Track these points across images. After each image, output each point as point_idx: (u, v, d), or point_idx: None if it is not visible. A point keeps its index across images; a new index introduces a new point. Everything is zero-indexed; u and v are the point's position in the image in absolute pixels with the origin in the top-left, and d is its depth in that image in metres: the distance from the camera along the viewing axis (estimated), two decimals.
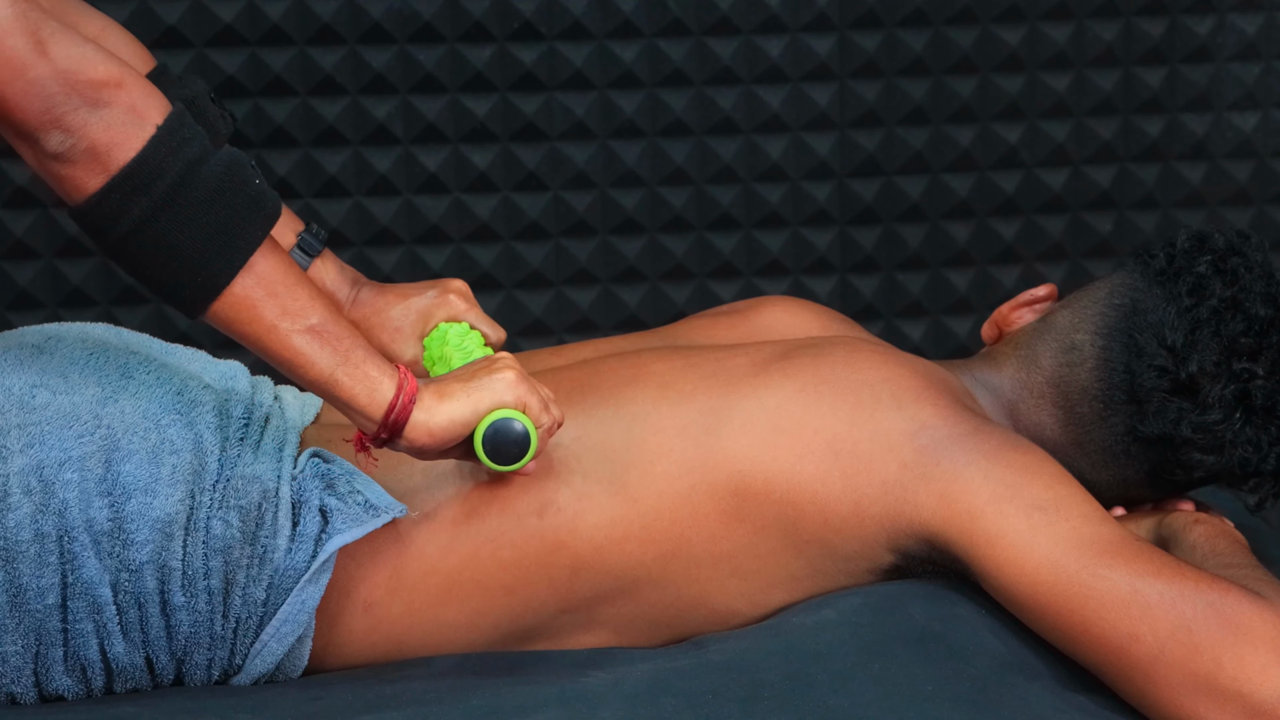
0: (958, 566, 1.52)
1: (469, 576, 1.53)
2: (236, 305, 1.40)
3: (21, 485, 1.44)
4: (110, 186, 1.35)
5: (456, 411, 1.46)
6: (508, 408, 1.47)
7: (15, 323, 2.27)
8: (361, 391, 1.43)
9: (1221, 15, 2.40)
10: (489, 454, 1.47)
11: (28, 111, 1.33)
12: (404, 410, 1.44)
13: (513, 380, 1.48)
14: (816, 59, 2.36)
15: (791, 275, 2.41)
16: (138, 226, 1.36)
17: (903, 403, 1.54)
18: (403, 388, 1.44)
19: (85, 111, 1.34)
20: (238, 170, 1.40)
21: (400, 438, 1.45)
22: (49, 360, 1.50)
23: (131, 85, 1.36)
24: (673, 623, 1.57)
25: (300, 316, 1.41)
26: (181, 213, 1.37)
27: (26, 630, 1.45)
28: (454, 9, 2.30)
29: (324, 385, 1.43)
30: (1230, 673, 1.39)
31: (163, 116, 1.37)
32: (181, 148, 1.37)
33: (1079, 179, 2.43)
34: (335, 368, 1.42)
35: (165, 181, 1.36)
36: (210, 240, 1.38)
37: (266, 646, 1.50)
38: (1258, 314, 1.58)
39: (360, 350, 1.44)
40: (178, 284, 1.39)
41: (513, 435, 1.47)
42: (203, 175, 1.38)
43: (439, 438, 1.46)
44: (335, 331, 1.43)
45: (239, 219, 1.39)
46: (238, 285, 1.40)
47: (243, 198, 1.40)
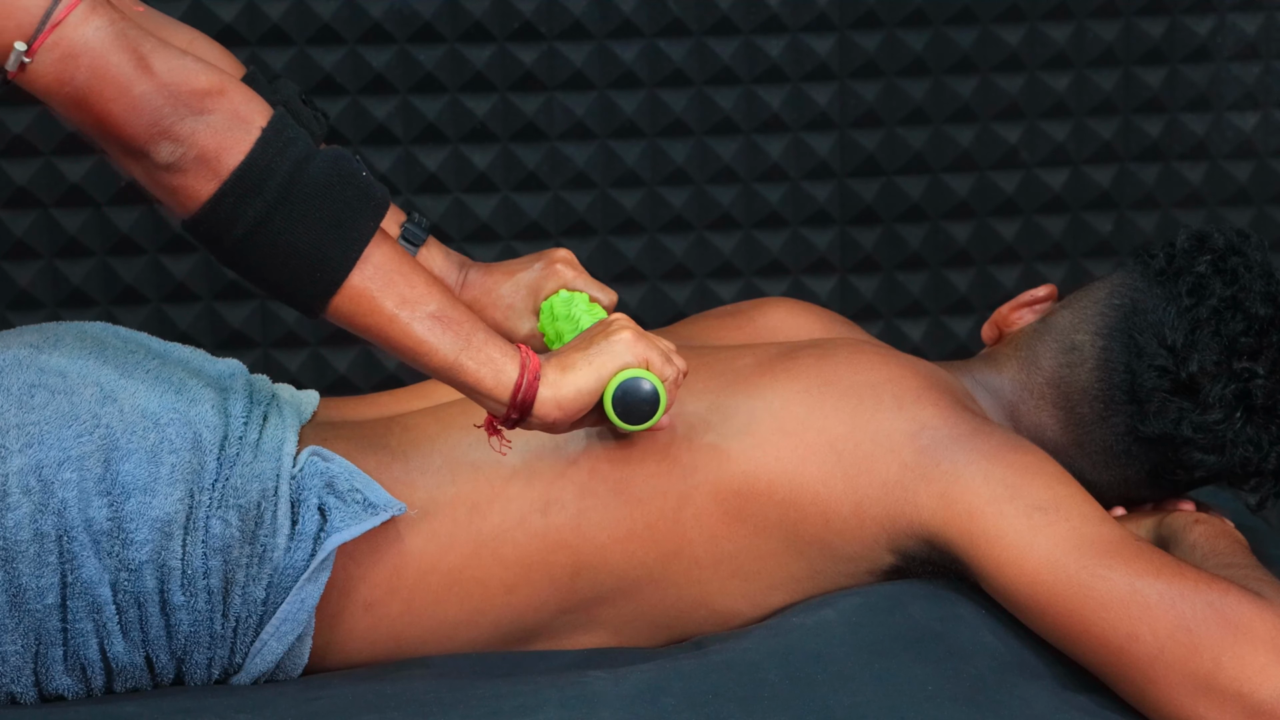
0: (957, 567, 1.52)
1: (470, 575, 1.54)
2: (356, 298, 1.41)
3: (20, 485, 1.44)
4: (223, 191, 1.37)
5: (582, 381, 1.46)
6: (631, 368, 1.47)
7: (15, 322, 2.27)
8: (487, 374, 1.43)
9: (1221, 15, 2.40)
10: (621, 416, 1.48)
11: (136, 126, 1.35)
12: (530, 389, 1.44)
13: (631, 340, 1.48)
14: (816, 59, 2.36)
15: (791, 275, 2.41)
16: (253, 228, 1.38)
17: (904, 404, 1.54)
18: (526, 366, 1.44)
19: (192, 120, 1.36)
20: (344, 165, 1.41)
21: (530, 415, 1.45)
22: (47, 360, 1.50)
23: (233, 92, 1.38)
24: (673, 623, 1.57)
25: (419, 304, 1.42)
26: (294, 210, 1.38)
27: (26, 630, 1.45)
28: (454, 9, 2.30)
29: (448, 371, 1.43)
30: (1230, 672, 1.39)
31: (266, 119, 1.39)
32: (287, 147, 1.38)
33: (1079, 179, 2.43)
34: (459, 353, 1.43)
35: (276, 181, 1.38)
36: (325, 235, 1.39)
37: (266, 645, 1.50)
38: (1258, 313, 1.58)
39: (481, 333, 1.44)
40: (297, 282, 1.40)
41: (641, 394, 1.48)
42: (311, 172, 1.39)
43: (568, 409, 1.46)
44: (455, 316, 1.43)
45: (350, 211, 1.40)
46: (355, 278, 1.41)
47: (351, 191, 1.41)
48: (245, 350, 2.33)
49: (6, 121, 2.24)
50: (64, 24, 1.34)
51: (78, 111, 1.36)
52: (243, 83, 1.41)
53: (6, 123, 2.24)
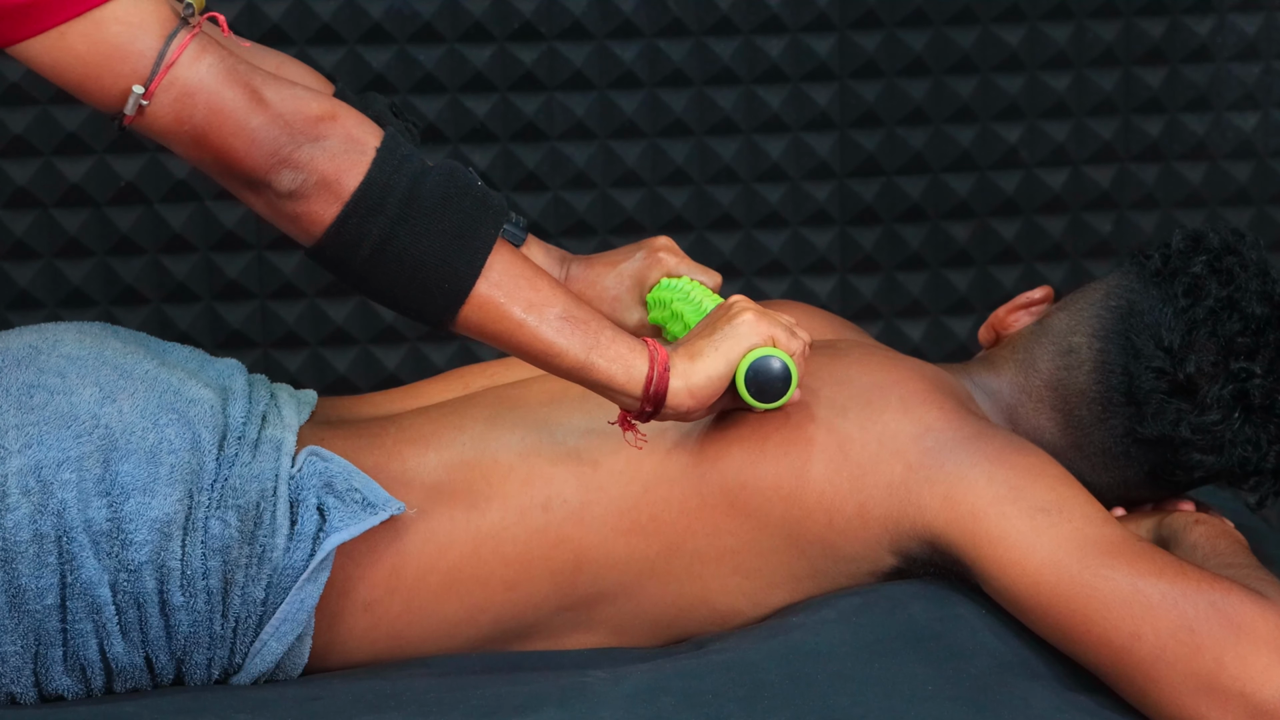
0: (959, 569, 1.52)
1: (469, 572, 1.54)
2: (484, 306, 1.43)
3: (20, 485, 1.44)
4: (346, 213, 1.39)
5: (711, 368, 1.47)
6: (758, 348, 1.49)
7: (15, 322, 2.27)
8: (619, 371, 1.45)
9: (1221, 15, 2.40)
10: (755, 396, 1.49)
11: (256, 159, 1.38)
12: (661, 381, 1.45)
13: (754, 320, 1.49)
14: (816, 59, 2.36)
15: (791, 275, 2.41)
16: (379, 246, 1.40)
17: (909, 406, 1.55)
18: (655, 359, 1.46)
19: (309, 147, 1.38)
20: (459, 176, 1.44)
21: (664, 407, 1.46)
22: (46, 360, 1.50)
23: (344, 116, 1.41)
24: (673, 622, 1.57)
25: (546, 307, 1.44)
26: (417, 224, 1.40)
27: (26, 630, 1.45)
28: (454, 9, 2.30)
29: (579, 371, 1.45)
30: (1232, 672, 1.39)
31: (379, 139, 1.41)
32: (403, 165, 1.41)
33: (1079, 179, 2.43)
34: (589, 351, 1.45)
35: (395, 197, 1.40)
36: (449, 246, 1.41)
37: (266, 645, 1.50)
38: (1254, 313, 1.58)
39: (608, 330, 1.46)
40: (426, 296, 1.42)
41: (772, 372, 1.49)
42: (428, 186, 1.41)
43: (701, 397, 1.47)
44: (581, 316, 1.45)
45: (471, 221, 1.42)
46: (482, 286, 1.43)
47: (470, 201, 1.43)
48: (245, 350, 2.33)
49: (6, 121, 2.24)
50: (177, 64, 1.36)
51: (197, 149, 1.39)
52: (350, 105, 1.43)
53: (6, 123, 2.24)
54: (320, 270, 2.31)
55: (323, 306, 2.34)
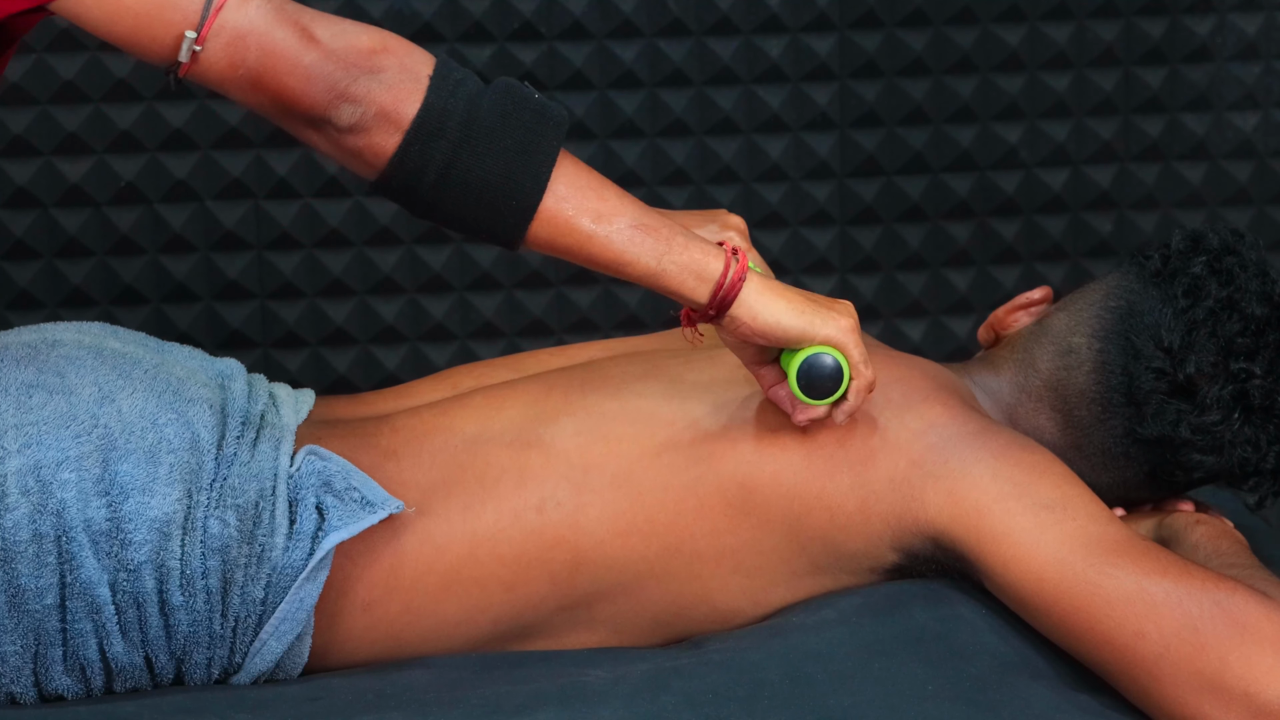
0: (962, 565, 1.52)
1: (467, 573, 1.53)
2: (553, 220, 1.44)
3: (19, 485, 1.44)
4: (407, 141, 1.40)
5: (788, 318, 1.47)
6: (832, 345, 1.48)
7: (15, 323, 2.27)
8: (689, 275, 1.45)
9: (1221, 15, 2.40)
10: (801, 381, 1.48)
11: (314, 96, 1.39)
12: (734, 288, 1.46)
13: (850, 326, 1.49)
14: (816, 59, 2.36)
15: (791, 275, 2.41)
16: (444, 171, 1.41)
17: (911, 401, 1.55)
18: (730, 265, 1.46)
19: (366, 79, 1.40)
20: (515, 91, 1.44)
21: (726, 315, 1.46)
22: (45, 360, 1.50)
23: (396, 46, 1.43)
24: (673, 621, 1.57)
25: (615, 217, 1.44)
26: (479, 145, 1.41)
27: (25, 630, 1.45)
28: (454, 9, 2.30)
29: (651, 277, 1.45)
30: (1236, 672, 1.39)
31: (431, 67, 1.43)
32: (458, 88, 1.42)
33: (1079, 179, 2.43)
34: (661, 257, 1.45)
35: (455, 121, 1.41)
36: (513, 162, 1.42)
37: (266, 645, 1.50)
38: (1254, 313, 1.58)
39: (680, 236, 1.46)
40: (495, 216, 1.43)
41: (827, 368, 1.48)
42: (486, 105, 1.42)
43: (758, 329, 1.47)
44: (652, 223, 1.45)
45: (532, 135, 1.43)
46: (549, 200, 1.43)
47: (528, 114, 1.44)
48: (245, 350, 2.33)
49: (6, 121, 2.24)
50: (225, 8, 1.38)
51: (255, 92, 1.40)
52: (401, 37, 1.44)
53: (6, 123, 2.24)
54: (320, 270, 2.32)
55: (323, 306, 2.34)
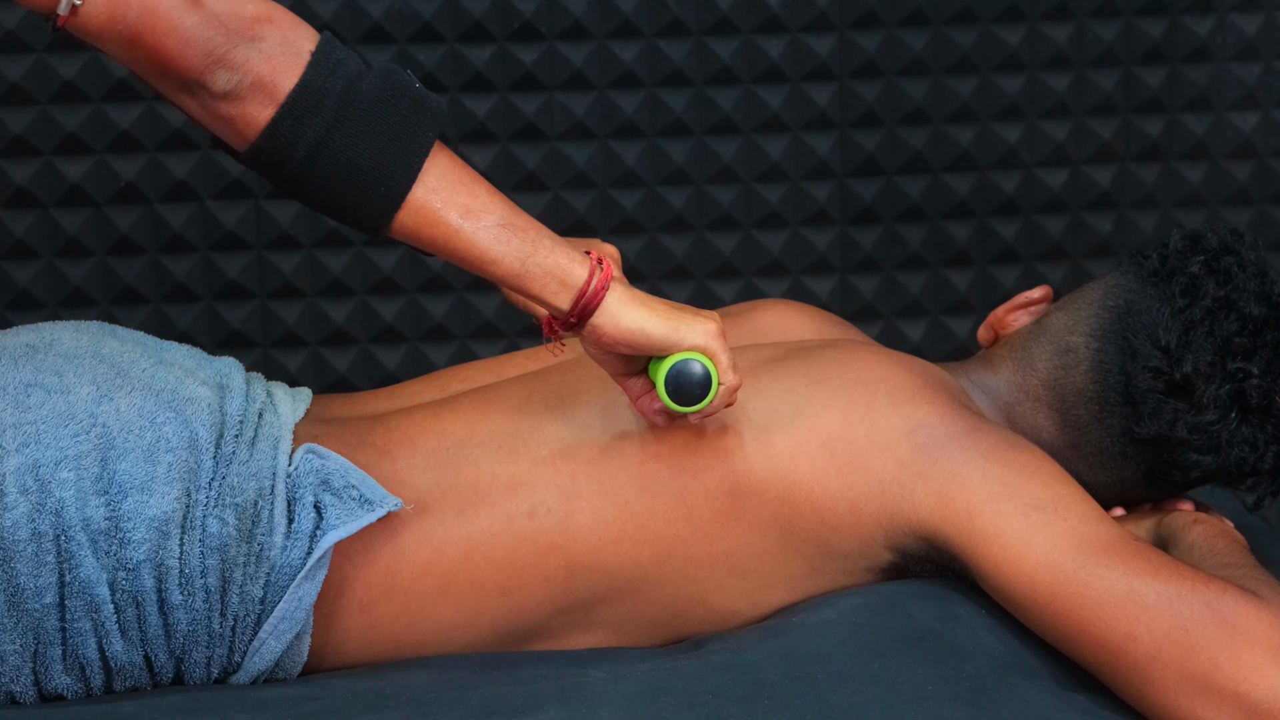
0: (956, 565, 1.52)
1: (464, 577, 1.53)
2: (420, 211, 1.42)
3: (18, 484, 1.44)
4: (281, 114, 1.39)
5: (652, 325, 1.46)
6: (698, 351, 1.48)
7: (15, 322, 2.27)
8: (551, 280, 1.44)
9: (1221, 15, 2.40)
10: (670, 388, 1.47)
11: (191, 59, 1.37)
12: (596, 296, 1.45)
13: (716, 331, 1.49)
14: (816, 59, 2.36)
15: (791, 275, 2.41)
16: (314, 149, 1.40)
17: (899, 401, 1.54)
18: (595, 273, 1.45)
19: (245, 47, 1.38)
20: (396, 78, 1.43)
21: (588, 323, 1.45)
22: (44, 359, 1.50)
23: (281, 18, 1.40)
24: (671, 622, 1.57)
25: (483, 214, 1.43)
26: (353, 127, 1.40)
27: (25, 629, 1.45)
28: (454, 9, 2.30)
29: (514, 278, 1.44)
30: (1227, 672, 1.39)
31: (314, 43, 1.41)
32: (339, 67, 1.40)
33: (1079, 179, 2.43)
34: (525, 258, 1.43)
35: (331, 100, 1.39)
36: (385, 148, 1.41)
37: (265, 644, 1.50)
38: (1251, 313, 1.58)
39: (547, 240, 1.45)
40: (362, 200, 1.41)
41: (695, 375, 1.47)
42: (364, 88, 1.41)
43: (620, 336, 1.46)
44: (519, 223, 1.44)
45: (408, 123, 1.42)
46: (418, 190, 1.42)
47: (406, 102, 1.42)
48: (245, 350, 2.33)
49: (6, 121, 2.25)
50: None
51: (131, 49, 1.38)
52: (287, 10, 1.42)
53: (6, 123, 2.25)
54: (320, 270, 2.32)
55: (323, 306, 2.34)
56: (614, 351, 1.48)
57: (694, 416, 1.51)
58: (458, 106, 2.32)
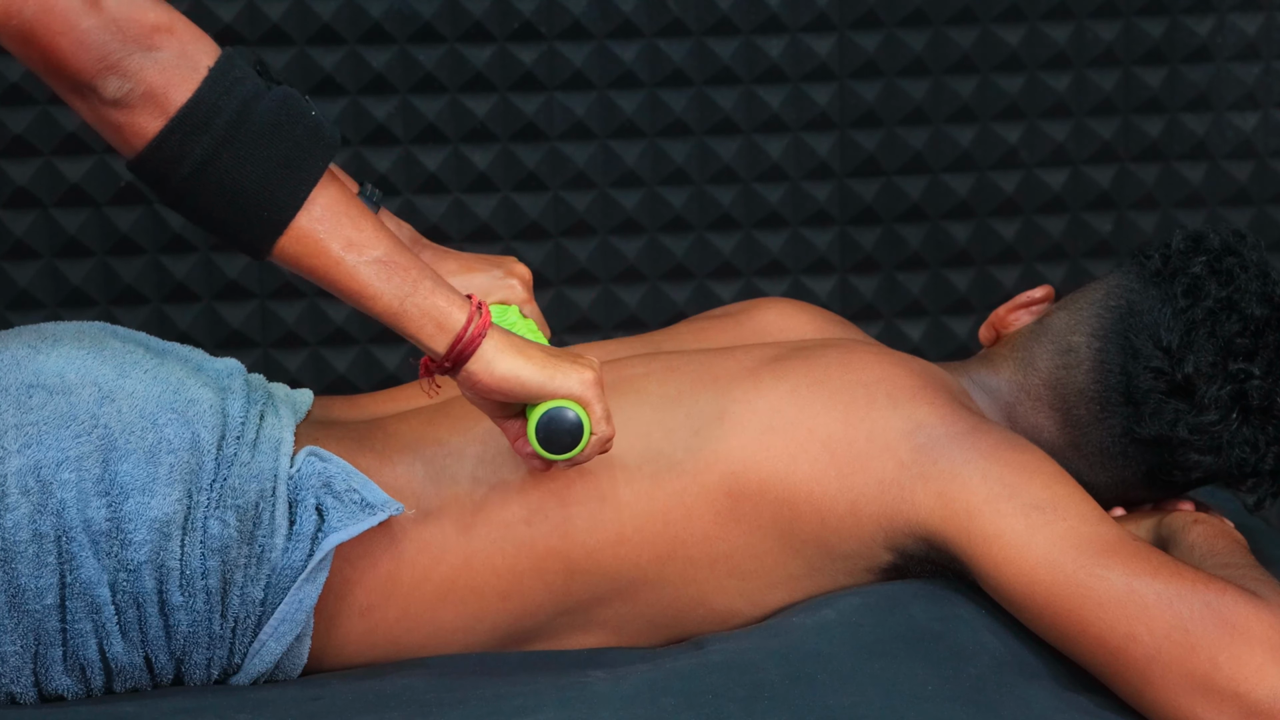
0: (956, 566, 1.52)
1: (464, 582, 1.53)
2: (302, 239, 1.40)
3: (19, 485, 1.44)
4: (170, 128, 1.36)
5: (526, 372, 1.44)
6: (575, 401, 1.46)
7: (15, 322, 2.27)
8: (428, 322, 1.42)
9: (1221, 15, 2.40)
10: (540, 435, 1.46)
11: (84, 61, 1.35)
12: (473, 342, 1.43)
13: (592, 381, 1.46)
14: (816, 59, 2.36)
15: (791, 275, 2.41)
16: (200, 166, 1.37)
17: (899, 402, 1.54)
18: (474, 319, 1.43)
19: (140, 56, 1.35)
20: (293, 104, 1.41)
21: (463, 369, 1.43)
22: (45, 360, 1.50)
23: (182, 30, 1.38)
24: (671, 623, 1.57)
25: (366, 248, 1.41)
26: (242, 149, 1.38)
27: (25, 630, 1.45)
28: (454, 9, 2.30)
29: (392, 316, 1.42)
30: (1227, 672, 1.39)
31: (213, 59, 1.38)
32: (235, 86, 1.38)
33: (1079, 179, 2.43)
34: (404, 298, 1.42)
35: (223, 119, 1.37)
36: (273, 174, 1.38)
37: (265, 646, 1.50)
38: (1253, 314, 1.58)
39: (428, 281, 1.43)
40: (244, 222, 1.39)
41: (567, 426, 1.45)
42: (259, 111, 1.39)
43: (494, 383, 1.44)
44: (402, 262, 1.42)
45: (299, 151, 1.40)
46: (303, 219, 1.40)
47: (301, 130, 1.40)
48: (245, 350, 2.33)
49: (6, 122, 2.25)
50: None
51: (24, 46, 1.36)
52: (192, 22, 1.40)
53: (6, 123, 2.25)
54: None
55: (323, 306, 2.34)
56: (488, 398, 1.46)
57: (564, 465, 1.49)
58: (458, 106, 2.32)
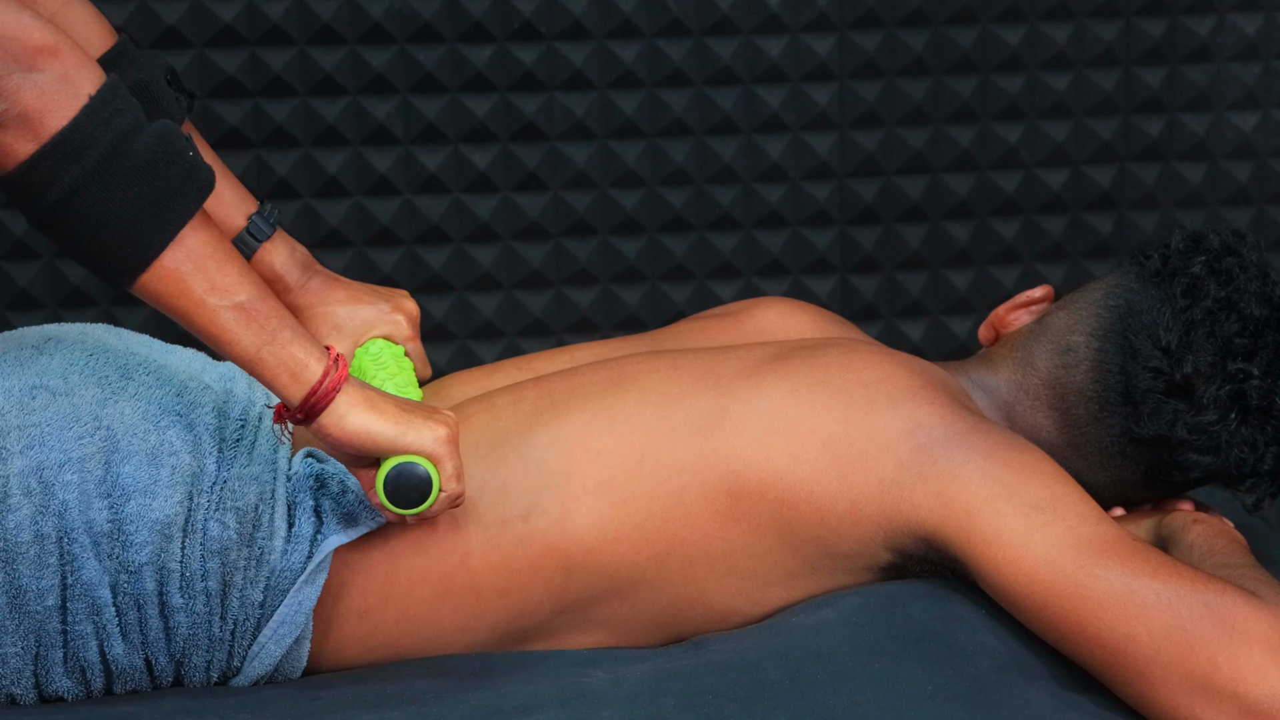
0: (955, 565, 1.52)
1: (461, 581, 1.53)
2: (165, 278, 1.39)
3: (21, 486, 1.44)
4: (41, 154, 1.34)
5: (379, 428, 1.44)
6: (426, 458, 1.45)
7: (15, 323, 2.27)
8: (284, 372, 1.41)
9: (1221, 15, 2.40)
10: (388, 489, 1.45)
11: None
12: (326, 396, 1.42)
13: (445, 438, 1.46)
14: (816, 59, 2.36)
15: (791, 275, 2.41)
16: (68, 195, 1.35)
17: (899, 402, 1.54)
18: (330, 373, 1.42)
19: (19, 76, 1.33)
20: (171, 142, 1.39)
21: (315, 421, 1.43)
22: (48, 362, 1.50)
23: (67, 54, 1.35)
24: (671, 622, 1.57)
25: (228, 293, 1.40)
26: (113, 183, 1.36)
27: (26, 632, 1.45)
28: (454, 9, 2.30)
29: (248, 363, 1.41)
30: (1226, 672, 1.39)
31: (96, 86, 1.36)
32: (114, 118, 1.36)
33: (1079, 179, 2.43)
34: (261, 346, 1.41)
35: (97, 151, 1.35)
36: (142, 211, 1.37)
37: (264, 649, 1.50)
38: (1252, 314, 1.58)
39: (288, 331, 1.42)
40: (107, 255, 1.38)
41: (415, 481, 1.44)
42: (136, 146, 1.37)
43: (345, 438, 1.43)
44: (263, 310, 1.41)
45: (171, 191, 1.38)
46: (168, 258, 1.38)
47: (176, 170, 1.38)
48: None
49: None
50: None
51: None
52: (81, 48, 1.38)
53: None
54: None
55: None
56: (340, 450, 1.45)
57: (412, 520, 1.48)
58: (458, 106, 2.32)
